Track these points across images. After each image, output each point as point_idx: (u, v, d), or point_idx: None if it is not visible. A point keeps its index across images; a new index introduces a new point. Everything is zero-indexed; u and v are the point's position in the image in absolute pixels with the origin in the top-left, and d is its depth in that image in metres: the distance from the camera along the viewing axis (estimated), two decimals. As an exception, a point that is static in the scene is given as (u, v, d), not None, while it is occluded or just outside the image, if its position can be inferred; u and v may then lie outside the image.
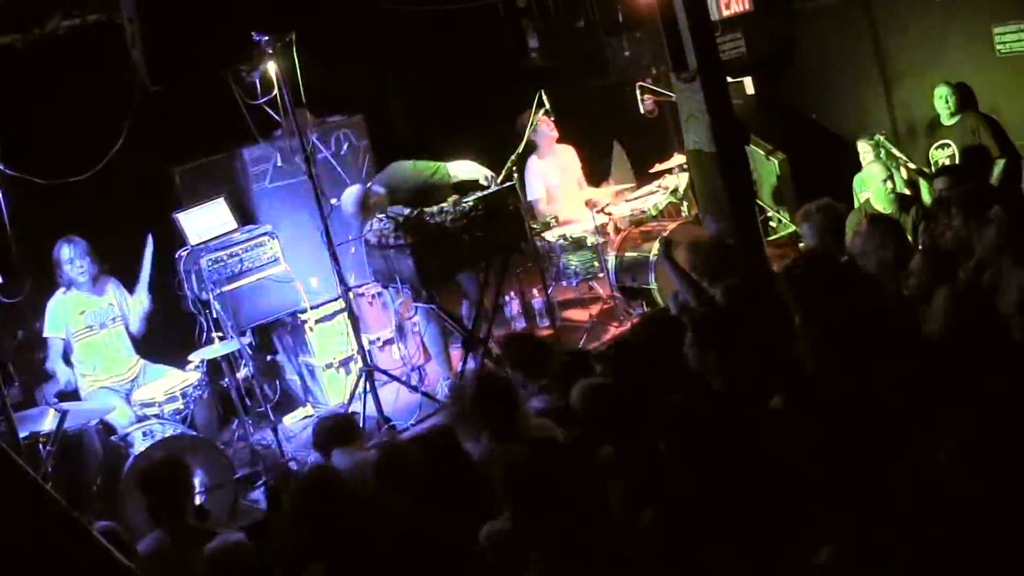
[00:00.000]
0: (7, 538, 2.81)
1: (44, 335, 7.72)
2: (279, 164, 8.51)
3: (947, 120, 9.05)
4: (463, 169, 8.27)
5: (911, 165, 9.01)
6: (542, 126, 9.21)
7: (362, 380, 7.79)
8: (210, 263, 8.09)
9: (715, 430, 4.25)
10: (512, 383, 5.62)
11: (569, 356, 6.69)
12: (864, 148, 9.07)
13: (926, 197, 8.57)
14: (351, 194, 8.03)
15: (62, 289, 7.72)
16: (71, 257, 7.61)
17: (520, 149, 8.69)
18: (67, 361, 7.74)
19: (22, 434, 6.29)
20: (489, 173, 8.15)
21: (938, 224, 6.78)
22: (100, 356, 7.79)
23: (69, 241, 7.65)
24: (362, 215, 7.97)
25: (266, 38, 7.13)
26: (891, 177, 8.04)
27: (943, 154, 9.09)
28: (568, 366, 6.14)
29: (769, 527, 3.90)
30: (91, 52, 7.54)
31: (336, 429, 5.86)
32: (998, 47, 9.09)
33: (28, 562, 2.83)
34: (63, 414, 6.57)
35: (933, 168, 9.04)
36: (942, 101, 9.03)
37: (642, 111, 9.47)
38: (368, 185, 8.17)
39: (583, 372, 5.84)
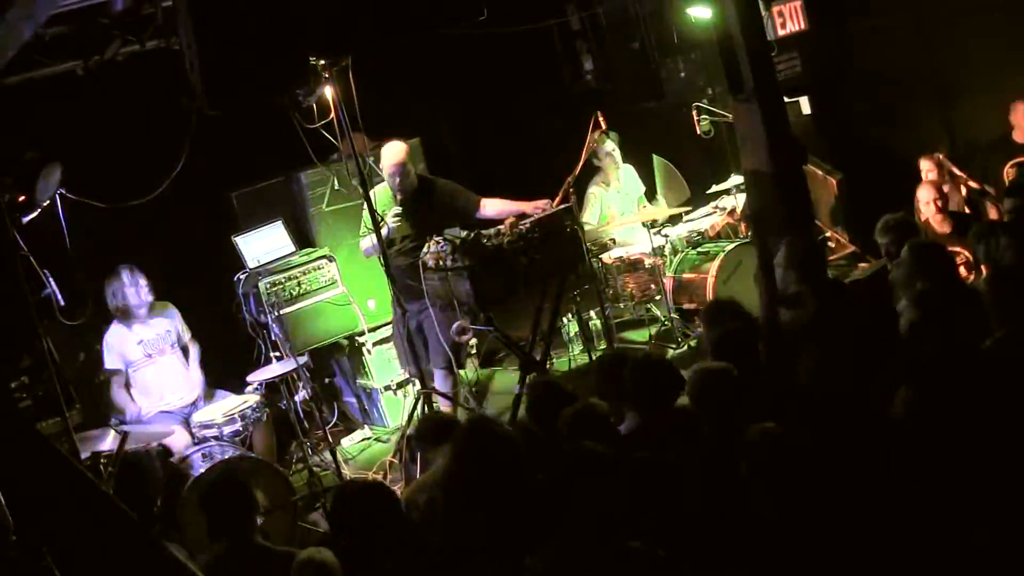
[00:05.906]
0: (84, 550, 2.82)
1: (105, 367, 7.77)
2: (336, 187, 8.55)
3: (1021, 137, 8.93)
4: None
5: (972, 184, 8.89)
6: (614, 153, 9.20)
7: (420, 402, 7.78)
8: (268, 286, 8.14)
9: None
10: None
11: None
12: (926, 166, 8.97)
13: (993, 216, 8.47)
14: None
15: (117, 321, 7.77)
16: (128, 283, 7.66)
17: (577, 171, 8.65)
18: (129, 391, 7.78)
19: (84, 455, 6.33)
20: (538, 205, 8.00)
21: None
22: (159, 383, 7.84)
23: (124, 269, 7.71)
24: None
25: (323, 62, 7.18)
26: (941, 198, 7.95)
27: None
28: None
29: None
30: (150, 77, 7.61)
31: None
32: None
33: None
34: (124, 436, 6.62)
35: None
36: None
37: (699, 132, 9.43)
38: None
39: None
